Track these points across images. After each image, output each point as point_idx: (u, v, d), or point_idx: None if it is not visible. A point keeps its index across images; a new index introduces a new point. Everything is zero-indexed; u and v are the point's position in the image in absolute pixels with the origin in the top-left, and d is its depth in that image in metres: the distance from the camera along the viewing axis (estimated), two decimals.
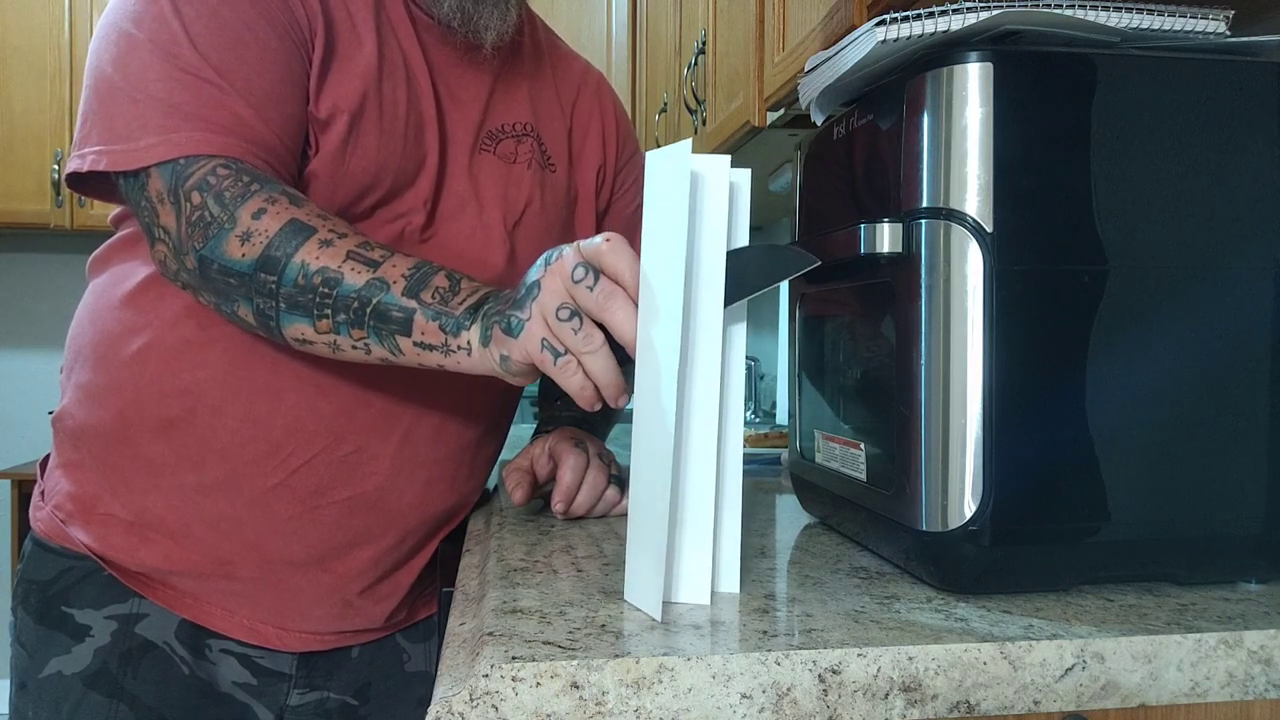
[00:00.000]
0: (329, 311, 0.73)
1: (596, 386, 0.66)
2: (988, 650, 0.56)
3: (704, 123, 1.80)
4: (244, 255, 0.74)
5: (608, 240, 0.65)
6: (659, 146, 2.37)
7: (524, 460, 0.92)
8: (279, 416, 0.85)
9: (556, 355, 0.66)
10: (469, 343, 0.71)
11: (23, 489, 3.04)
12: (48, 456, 0.96)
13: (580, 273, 0.65)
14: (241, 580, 0.89)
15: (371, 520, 0.90)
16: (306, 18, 0.82)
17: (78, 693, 0.87)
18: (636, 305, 0.64)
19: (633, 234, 1.11)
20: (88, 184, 0.81)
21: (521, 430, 1.87)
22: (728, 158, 0.65)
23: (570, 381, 0.66)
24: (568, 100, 1.03)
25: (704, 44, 1.80)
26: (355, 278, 0.72)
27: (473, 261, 0.90)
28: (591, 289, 0.64)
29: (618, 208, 1.10)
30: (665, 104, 2.30)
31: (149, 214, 0.78)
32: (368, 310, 0.72)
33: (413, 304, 0.72)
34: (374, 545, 0.91)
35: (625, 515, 0.79)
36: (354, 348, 0.75)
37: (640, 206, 1.11)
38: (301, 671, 0.94)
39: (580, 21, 3.02)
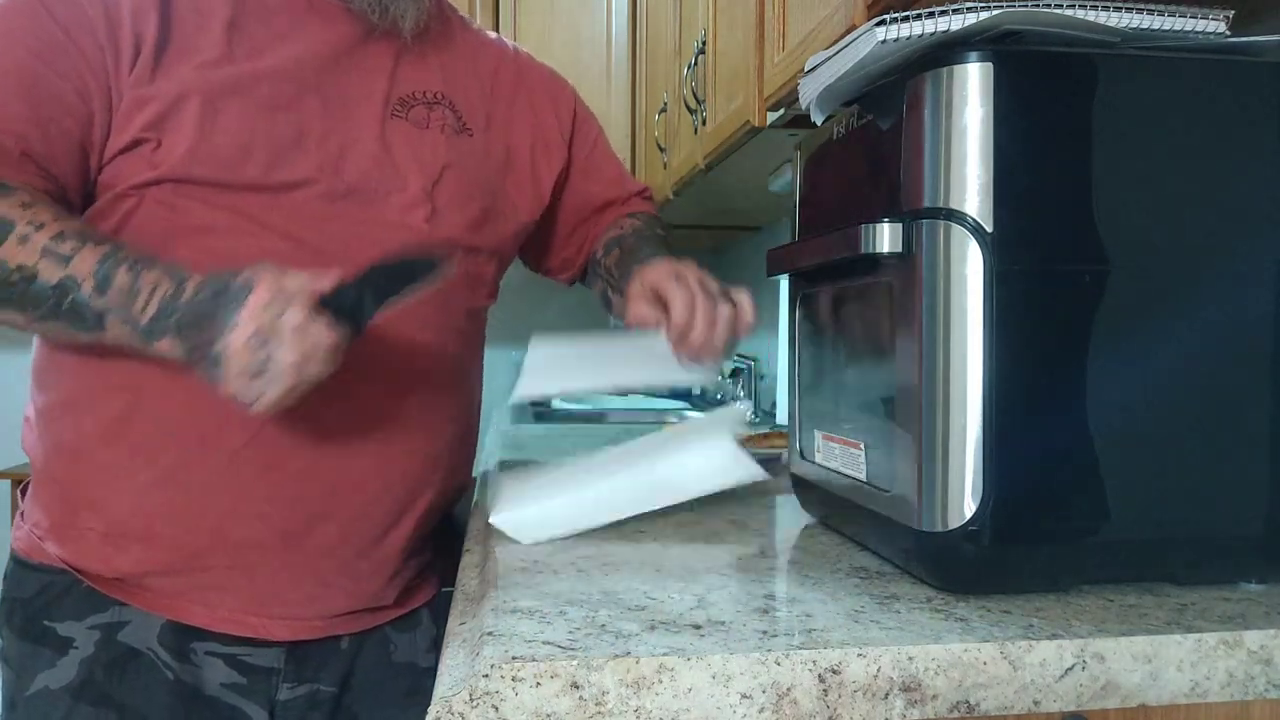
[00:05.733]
0: (29, 306, 0.77)
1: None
2: (988, 650, 0.56)
3: (704, 123, 1.80)
4: None
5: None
6: (659, 146, 2.37)
7: (637, 308, 0.91)
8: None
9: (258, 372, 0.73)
10: (168, 351, 0.77)
11: (22, 489, 3.04)
12: (28, 483, 0.97)
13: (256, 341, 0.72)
14: (215, 570, 0.89)
15: (327, 488, 0.90)
16: (108, 27, 0.83)
17: (65, 705, 0.87)
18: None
19: (589, 179, 1.14)
20: None
21: (520, 430, 1.87)
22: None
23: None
24: (486, 70, 1.07)
25: (704, 44, 1.80)
26: (49, 274, 0.76)
27: (392, 224, 0.92)
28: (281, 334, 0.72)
29: (576, 183, 1.13)
30: (665, 104, 2.30)
31: None
32: (63, 306, 0.77)
33: (102, 304, 0.76)
34: (337, 517, 0.91)
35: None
36: (67, 335, 0.80)
37: (590, 156, 1.14)
38: (290, 665, 0.94)
39: (580, 21, 3.01)
